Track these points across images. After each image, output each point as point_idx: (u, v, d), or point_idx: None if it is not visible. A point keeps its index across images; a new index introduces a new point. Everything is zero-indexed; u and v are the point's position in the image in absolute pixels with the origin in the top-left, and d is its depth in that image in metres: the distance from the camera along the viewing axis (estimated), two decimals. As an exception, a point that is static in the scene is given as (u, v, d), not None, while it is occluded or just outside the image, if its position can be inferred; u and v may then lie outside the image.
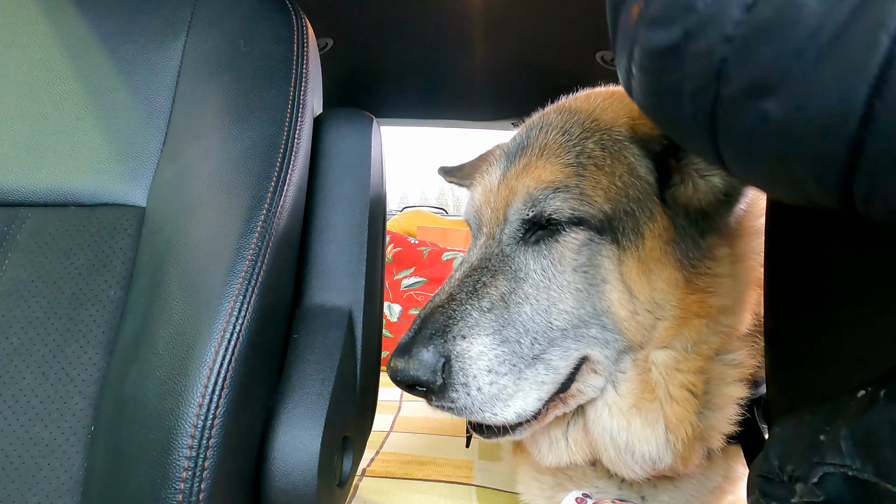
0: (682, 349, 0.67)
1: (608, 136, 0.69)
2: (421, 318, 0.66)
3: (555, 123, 0.73)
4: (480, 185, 0.76)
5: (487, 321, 0.64)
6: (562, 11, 1.68)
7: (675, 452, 0.67)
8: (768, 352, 0.64)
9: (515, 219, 0.69)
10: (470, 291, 0.66)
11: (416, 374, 0.61)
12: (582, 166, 0.67)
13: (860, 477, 0.34)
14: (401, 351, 0.63)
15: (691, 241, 0.67)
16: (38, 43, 0.84)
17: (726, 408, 0.70)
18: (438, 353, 0.62)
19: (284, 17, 0.83)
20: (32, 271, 0.71)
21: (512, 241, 0.69)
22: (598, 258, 0.65)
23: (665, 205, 0.67)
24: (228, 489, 0.59)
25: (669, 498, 0.78)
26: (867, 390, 0.36)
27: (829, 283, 0.51)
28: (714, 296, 0.67)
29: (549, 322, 0.64)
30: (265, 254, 0.65)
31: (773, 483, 0.43)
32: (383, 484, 1.13)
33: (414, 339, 0.64)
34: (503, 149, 0.78)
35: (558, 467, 0.78)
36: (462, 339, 0.63)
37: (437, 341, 0.62)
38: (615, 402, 0.68)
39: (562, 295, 0.65)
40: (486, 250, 0.70)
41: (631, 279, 0.65)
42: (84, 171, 0.78)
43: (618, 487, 0.79)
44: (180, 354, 0.59)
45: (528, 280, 0.66)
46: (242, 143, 0.72)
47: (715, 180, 0.67)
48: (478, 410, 0.62)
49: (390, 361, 0.64)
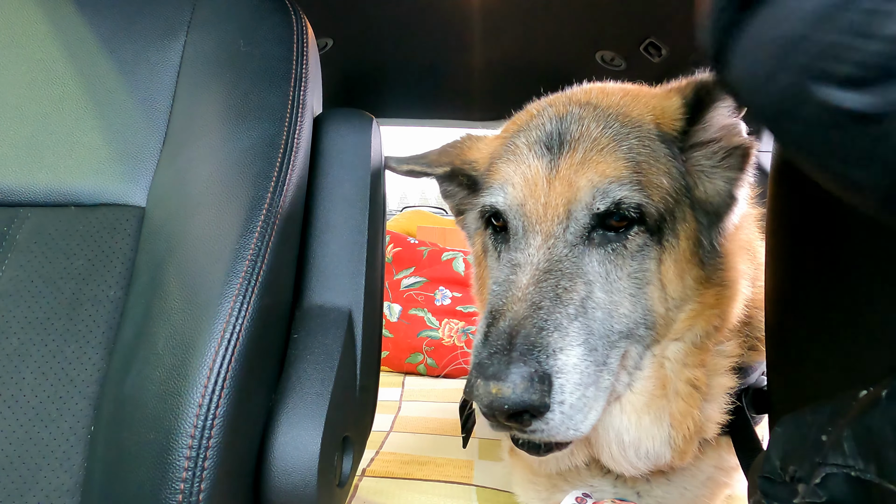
0: (691, 342, 0.68)
1: (644, 134, 0.68)
2: (506, 331, 0.58)
3: (590, 118, 0.69)
4: (519, 176, 0.69)
5: (576, 330, 0.59)
6: (562, 11, 1.68)
7: (675, 448, 0.68)
8: (769, 343, 0.66)
9: (583, 215, 0.65)
10: (553, 298, 0.60)
11: (529, 398, 0.53)
12: (635, 162, 0.66)
13: (863, 477, 0.34)
14: (496, 372, 0.54)
15: (708, 241, 0.68)
16: (38, 43, 0.84)
17: (719, 398, 0.71)
18: (544, 370, 0.55)
19: (284, 17, 0.83)
20: (32, 271, 0.71)
21: (579, 241, 0.65)
22: (646, 262, 0.66)
23: (692, 208, 0.68)
24: (228, 489, 0.59)
25: (663, 492, 0.78)
26: (869, 390, 0.36)
27: (832, 278, 0.51)
28: (727, 288, 0.69)
29: (612, 326, 0.63)
30: (265, 254, 0.65)
31: (775, 484, 0.42)
32: (383, 484, 1.13)
33: (510, 356, 0.55)
34: (530, 140, 0.72)
35: (559, 472, 0.78)
36: (561, 353, 0.57)
37: (539, 356, 0.56)
38: (630, 399, 0.68)
39: (622, 300, 0.64)
40: (551, 251, 0.64)
41: (668, 278, 0.66)
42: (84, 171, 0.78)
43: (612, 486, 0.79)
44: (180, 355, 0.58)
45: (597, 284, 0.63)
46: (242, 143, 0.72)
47: (719, 182, 0.69)
48: (565, 429, 0.56)
49: (485, 385, 0.54)
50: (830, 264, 0.52)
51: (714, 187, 0.69)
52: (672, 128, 0.69)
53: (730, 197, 0.69)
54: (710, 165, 0.69)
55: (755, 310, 0.76)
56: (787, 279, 0.62)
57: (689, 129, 0.69)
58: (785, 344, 0.62)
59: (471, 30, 1.83)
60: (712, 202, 0.69)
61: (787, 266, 0.62)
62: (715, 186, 0.69)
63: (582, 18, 1.71)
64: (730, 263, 0.70)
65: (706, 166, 0.69)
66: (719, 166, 0.69)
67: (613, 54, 1.89)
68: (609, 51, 1.88)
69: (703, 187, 0.69)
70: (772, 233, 0.65)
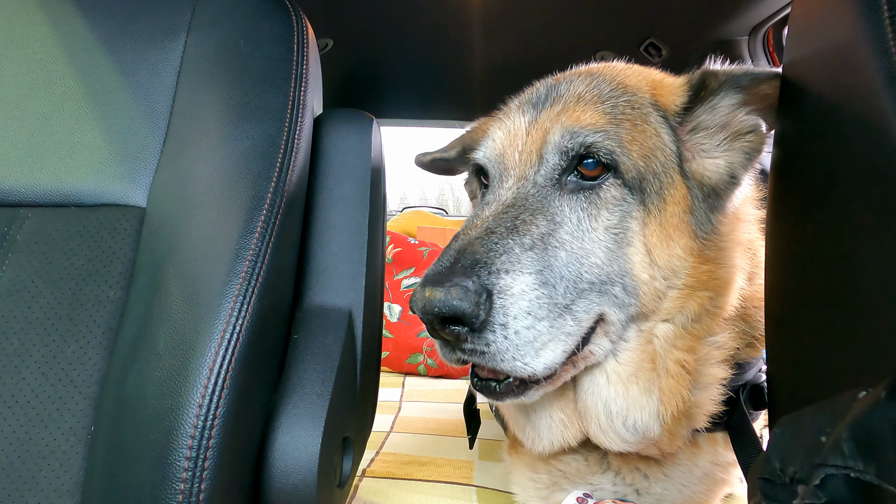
0: (682, 325, 0.68)
1: (636, 99, 0.70)
2: (455, 249, 0.60)
3: (580, 80, 0.73)
4: (502, 130, 0.73)
5: (529, 259, 0.60)
6: (562, 11, 1.68)
7: (664, 426, 0.68)
8: (770, 335, 0.66)
9: (553, 156, 0.67)
10: (509, 227, 0.61)
11: (459, 304, 0.54)
12: (617, 118, 0.68)
13: (862, 479, 0.34)
14: (436, 280, 0.56)
15: (704, 215, 0.69)
16: (38, 43, 0.84)
17: (710, 388, 0.72)
18: (483, 284, 0.55)
19: (284, 17, 0.83)
20: (32, 271, 0.71)
21: (548, 182, 0.67)
22: (627, 220, 0.66)
23: (683, 175, 0.69)
24: (228, 489, 0.59)
25: (662, 489, 0.78)
26: (868, 391, 0.36)
27: (834, 271, 0.51)
28: (721, 267, 0.69)
29: (581, 273, 0.63)
30: (265, 254, 0.65)
31: (775, 485, 0.42)
32: (383, 484, 1.13)
33: (451, 268, 0.57)
34: (521, 101, 0.76)
35: (552, 451, 0.77)
36: (506, 274, 0.57)
37: (480, 271, 0.56)
38: (615, 369, 0.69)
39: (594, 249, 0.64)
40: (519, 190, 0.67)
41: (652, 243, 0.66)
42: (84, 172, 0.78)
43: (612, 483, 0.79)
44: (180, 355, 0.58)
45: (565, 226, 0.64)
46: (242, 143, 0.72)
47: (720, 162, 0.70)
48: (510, 358, 0.57)
49: (421, 291, 0.56)
50: (831, 255, 0.52)
51: (714, 164, 0.70)
52: (670, 101, 0.71)
53: (730, 177, 0.70)
54: (713, 146, 0.71)
55: (754, 308, 0.76)
56: (788, 272, 0.62)
57: (691, 107, 0.71)
58: (786, 335, 0.62)
59: (470, 30, 1.83)
60: (710, 177, 0.70)
61: (788, 259, 0.62)
62: (715, 163, 0.70)
63: (582, 18, 1.71)
64: (727, 244, 0.71)
65: (707, 146, 0.71)
66: (721, 147, 0.70)
67: (613, 54, 1.89)
68: (609, 51, 1.88)
69: (701, 163, 0.70)
70: (772, 225, 0.65)
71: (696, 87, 0.71)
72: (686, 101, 0.71)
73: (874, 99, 0.44)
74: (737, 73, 0.69)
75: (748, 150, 0.70)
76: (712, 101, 0.70)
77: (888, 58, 0.44)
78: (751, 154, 0.70)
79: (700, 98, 0.70)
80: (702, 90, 0.70)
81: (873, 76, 0.44)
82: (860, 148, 0.47)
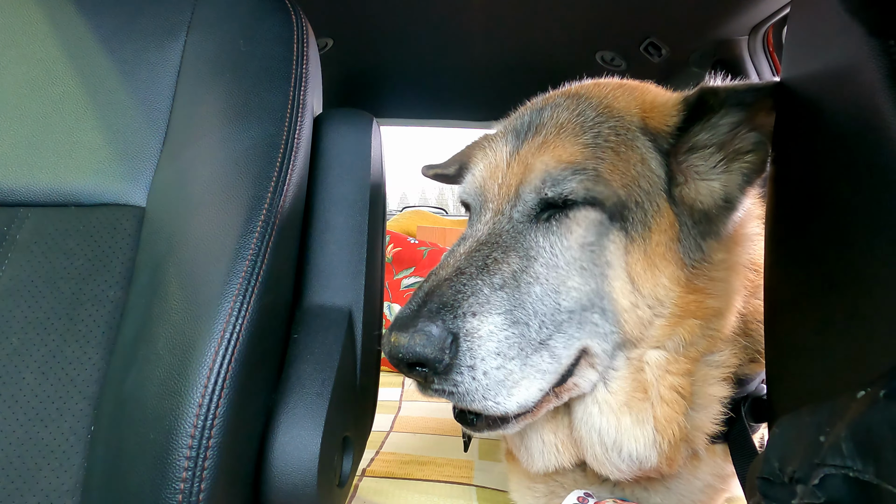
0: (674, 350, 0.66)
1: (622, 124, 0.68)
2: (424, 291, 0.60)
3: (566, 105, 0.71)
4: (483, 162, 0.73)
5: (499, 299, 0.59)
6: (562, 11, 1.68)
7: (661, 453, 0.66)
8: (769, 345, 0.65)
9: (531, 197, 0.66)
10: (480, 266, 0.61)
11: (422, 350, 0.55)
12: (600, 148, 0.66)
13: (861, 478, 0.34)
14: (402, 325, 0.57)
15: (693, 242, 0.67)
16: (38, 43, 0.84)
17: (710, 407, 0.70)
18: (447, 328, 0.56)
19: (284, 17, 0.83)
20: (32, 271, 0.71)
21: (525, 218, 0.66)
22: (605, 240, 0.64)
23: (672, 202, 0.67)
24: (228, 489, 0.59)
25: (661, 500, 0.77)
26: (867, 391, 0.36)
27: (833, 276, 0.51)
28: (711, 297, 0.67)
29: (558, 303, 0.62)
30: (265, 254, 0.65)
31: (774, 485, 0.42)
32: (383, 484, 1.13)
33: (418, 312, 0.57)
34: (506, 128, 0.75)
35: (547, 472, 0.77)
36: (472, 317, 0.57)
37: (445, 316, 0.57)
38: (606, 399, 0.67)
39: (569, 271, 0.63)
40: (495, 226, 0.66)
41: (636, 272, 0.64)
42: (84, 172, 0.78)
43: (610, 493, 0.78)
44: (180, 354, 0.58)
45: (539, 259, 0.63)
46: (242, 143, 0.72)
47: (714, 185, 0.68)
48: (480, 398, 0.57)
49: (389, 335, 0.57)
50: (831, 259, 0.52)
51: (707, 187, 0.67)
52: (662, 122, 0.68)
53: (725, 201, 0.67)
54: (708, 168, 0.68)
55: (757, 323, 0.74)
56: (785, 277, 0.62)
57: (686, 127, 0.68)
58: (785, 342, 0.62)
59: (470, 29, 1.83)
60: (702, 202, 0.67)
61: (786, 264, 0.62)
62: (708, 186, 0.67)
63: (582, 18, 1.71)
64: (720, 272, 0.68)
65: (702, 168, 0.68)
66: (718, 169, 0.68)
67: (613, 54, 1.89)
68: (609, 51, 1.88)
69: (694, 186, 0.67)
70: (771, 231, 0.64)
71: (692, 106, 0.67)
72: (680, 121, 0.68)
73: (873, 100, 0.44)
74: (739, 88, 0.65)
75: (747, 172, 0.67)
76: (711, 119, 0.67)
77: (888, 57, 0.44)
78: (749, 176, 0.67)
79: (697, 118, 0.67)
80: (698, 109, 0.67)
81: (872, 77, 0.44)
82: (859, 151, 0.47)
